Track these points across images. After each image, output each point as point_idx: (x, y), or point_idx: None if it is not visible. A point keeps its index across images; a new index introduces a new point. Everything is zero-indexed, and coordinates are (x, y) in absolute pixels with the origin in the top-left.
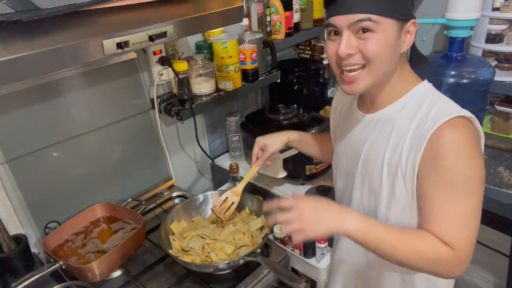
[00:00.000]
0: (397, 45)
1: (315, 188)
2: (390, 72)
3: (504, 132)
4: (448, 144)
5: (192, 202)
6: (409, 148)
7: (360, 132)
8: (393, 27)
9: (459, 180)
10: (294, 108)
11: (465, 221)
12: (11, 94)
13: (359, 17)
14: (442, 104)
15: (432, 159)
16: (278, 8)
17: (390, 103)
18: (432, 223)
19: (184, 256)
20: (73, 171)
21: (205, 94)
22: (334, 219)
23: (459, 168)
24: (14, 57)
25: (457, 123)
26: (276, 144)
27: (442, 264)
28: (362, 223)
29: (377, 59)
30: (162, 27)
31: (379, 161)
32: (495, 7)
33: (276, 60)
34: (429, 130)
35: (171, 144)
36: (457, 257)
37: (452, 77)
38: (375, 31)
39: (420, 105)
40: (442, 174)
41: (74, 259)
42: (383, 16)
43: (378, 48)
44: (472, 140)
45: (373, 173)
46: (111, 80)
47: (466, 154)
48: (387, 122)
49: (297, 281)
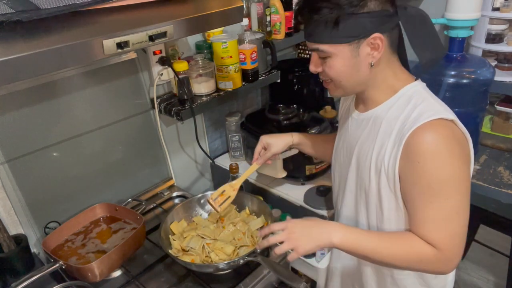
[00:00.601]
0: (357, 63)
1: (315, 188)
2: (362, 83)
3: (504, 132)
4: (424, 146)
5: (192, 202)
6: (391, 148)
7: (354, 130)
8: (345, 50)
9: (436, 182)
10: (294, 108)
11: (446, 221)
12: (11, 94)
13: (312, 46)
14: (425, 106)
15: (409, 161)
16: (278, 8)
17: (381, 102)
18: (415, 225)
19: (184, 256)
20: (73, 171)
21: (205, 94)
22: (321, 233)
23: (436, 170)
24: (14, 57)
25: (436, 125)
26: (279, 145)
27: (426, 264)
28: (345, 234)
29: (337, 79)
30: (162, 27)
31: (368, 159)
32: (495, 7)
33: (276, 60)
34: (407, 131)
35: (171, 144)
36: (441, 256)
37: (452, 77)
38: (329, 56)
39: (406, 105)
40: (419, 176)
41: (74, 259)
42: (329, 44)
43: (335, 70)
44: (451, 142)
45: (364, 171)
46: (111, 80)
47: (444, 156)
48: (376, 121)
49: (297, 281)
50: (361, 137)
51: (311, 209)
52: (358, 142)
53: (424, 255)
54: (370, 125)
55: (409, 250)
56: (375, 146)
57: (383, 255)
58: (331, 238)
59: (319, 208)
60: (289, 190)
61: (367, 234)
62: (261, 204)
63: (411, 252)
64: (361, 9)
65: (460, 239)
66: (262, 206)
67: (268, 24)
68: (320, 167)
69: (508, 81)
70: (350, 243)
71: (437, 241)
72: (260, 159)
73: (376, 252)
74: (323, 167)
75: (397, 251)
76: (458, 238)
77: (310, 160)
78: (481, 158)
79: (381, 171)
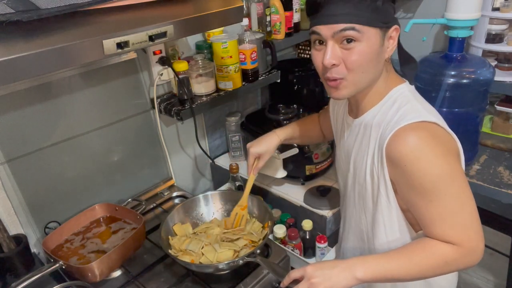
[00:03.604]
0: (381, 52)
1: (315, 188)
2: (374, 79)
3: (504, 132)
4: (405, 148)
5: (192, 202)
6: (377, 153)
7: (350, 137)
8: (377, 35)
9: (428, 181)
10: (294, 108)
11: (453, 215)
12: (11, 94)
13: (343, 26)
14: (407, 108)
15: (395, 165)
16: (278, 8)
17: (370, 107)
18: (426, 227)
19: (184, 256)
20: (73, 171)
21: (205, 94)
22: (343, 273)
23: (424, 170)
24: (14, 57)
25: (416, 127)
26: (270, 151)
27: (452, 263)
28: (367, 265)
29: (359, 69)
30: (162, 27)
31: (363, 165)
32: (495, 7)
33: (276, 60)
34: (388, 135)
35: (171, 144)
36: (463, 250)
37: (452, 77)
38: (359, 40)
39: (390, 108)
40: (411, 179)
41: (74, 259)
42: (366, 26)
43: (362, 58)
44: (432, 140)
45: (360, 177)
46: (111, 80)
47: (428, 155)
48: (367, 127)
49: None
50: (356, 143)
51: (311, 209)
52: (354, 149)
53: (447, 256)
54: (361, 131)
55: (432, 257)
56: (369, 152)
57: (410, 271)
58: (354, 274)
59: (319, 208)
60: (289, 190)
61: (387, 256)
62: (261, 204)
63: (435, 257)
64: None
65: (474, 228)
66: (262, 206)
67: (268, 24)
68: (320, 167)
69: (508, 81)
70: (375, 271)
71: (453, 237)
72: (255, 170)
73: (403, 270)
74: (323, 167)
75: (421, 262)
76: (472, 227)
77: (310, 160)
78: (481, 158)
79: (373, 176)
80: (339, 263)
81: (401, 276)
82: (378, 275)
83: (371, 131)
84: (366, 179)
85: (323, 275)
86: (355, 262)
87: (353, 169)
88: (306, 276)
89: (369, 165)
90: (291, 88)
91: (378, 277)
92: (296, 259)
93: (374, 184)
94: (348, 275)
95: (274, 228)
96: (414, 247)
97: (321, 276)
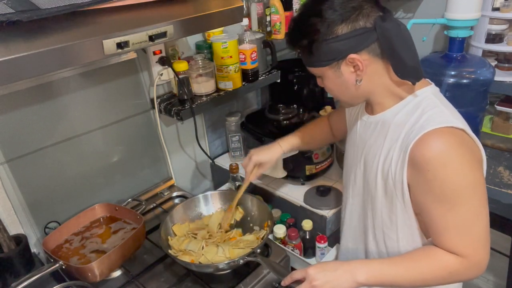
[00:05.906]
0: (344, 81)
1: (315, 188)
2: (358, 96)
3: (504, 132)
4: (431, 153)
5: (192, 202)
6: (397, 155)
7: (362, 133)
8: (328, 71)
9: (450, 190)
10: (294, 108)
11: (467, 227)
12: (11, 94)
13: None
14: (434, 113)
15: (417, 169)
16: (278, 8)
17: (388, 107)
18: (436, 233)
19: (184, 256)
20: (73, 171)
21: (205, 94)
22: (345, 276)
23: (448, 178)
24: (14, 57)
25: (442, 132)
26: (272, 161)
27: (456, 274)
28: (369, 269)
29: (339, 96)
30: (162, 27)
31: (375, 163)
32: (495, 7)
33: (276, 60)
34: (413, 138)
35: (171, 144)
36: (468, 263)
37: (452, 77)
38: (322, 77)
39: (414, 111)
40: (432, 185)
41: (74, 259)
42: (312, 67)
43: (328, 88)
44: (460, 148)
45: (370, 174)
46: (111, 80)
47: (453, 162)
48: (384, 125)
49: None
50: (369, 140)
51: (311, 209)
52: (366, 145)
53: (452, 267)
54: (378, 129)
55: (436, 266)
56: (383, 150)
57: (412, 279)
58: (356, 277)
59: (319, 208)
60: (289, 190)
61: (390, 261)
62: (261, 204)
63: (438, 267)
64: (330, 35)
65: (483, 242)
66: (262, 206)
67: (268, 24)
68: (320, 167)
69: (508, 81)
70: (377, 276)
71: (461, 248)
72: (253, 176)
73: (405, 277)
74: (323, 167)
75: (425, 270)
76: (481, 241)
77: (310, 160)
78: None
79: (388, 176)
80: (341, 265)
81: (402, 283)
82: (380, 280)
83: (389, 130)
84: (377, 177)
85: (324, 277)
86: (357, 265)
87: (363, 165)
88: (308, 278)
89: (381, 164)
90: (291, 88)
91: (379, 281)
92: (296, 259)
93: (388, 185)
94: (350, 278)
95: (274, 228)
96: (418, 255)
97: (323, 279)
